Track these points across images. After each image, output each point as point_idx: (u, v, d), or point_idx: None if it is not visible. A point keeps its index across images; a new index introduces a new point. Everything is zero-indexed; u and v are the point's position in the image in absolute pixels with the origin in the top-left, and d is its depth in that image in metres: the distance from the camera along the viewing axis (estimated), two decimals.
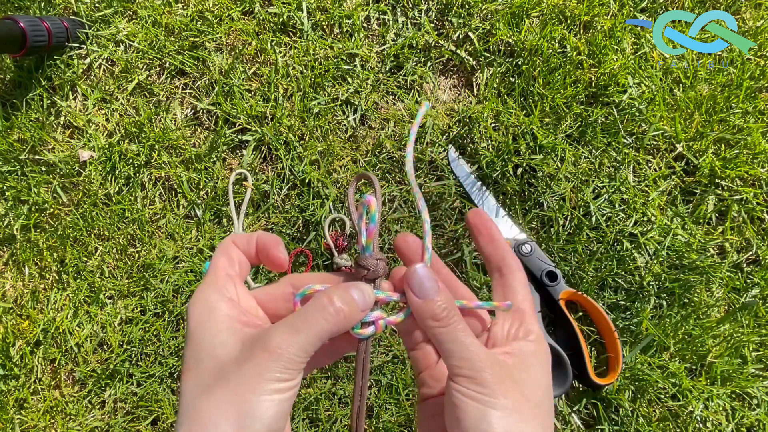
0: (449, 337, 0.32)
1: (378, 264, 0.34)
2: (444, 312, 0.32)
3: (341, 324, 0.31)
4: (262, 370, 0.28)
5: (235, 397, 0.28)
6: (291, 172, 0.82)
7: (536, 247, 0.76)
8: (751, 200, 0.78)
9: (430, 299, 0.32)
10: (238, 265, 0.35)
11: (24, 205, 0.86)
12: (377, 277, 0.34)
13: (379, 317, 0.34)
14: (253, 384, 0.28)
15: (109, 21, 0.87)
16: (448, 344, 0.31)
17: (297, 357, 0.29)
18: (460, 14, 0.84)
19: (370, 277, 0.34)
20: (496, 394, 0.30)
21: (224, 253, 0.35)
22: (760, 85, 0.81)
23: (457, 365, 0.31)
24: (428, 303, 0.32)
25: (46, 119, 0.87)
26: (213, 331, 0.31)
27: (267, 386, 0.28)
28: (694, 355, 0.75)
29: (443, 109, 0.84)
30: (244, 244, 0.36)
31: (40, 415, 0.81)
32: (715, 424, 0.73)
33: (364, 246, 0.34)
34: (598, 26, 0.83)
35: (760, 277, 0.76)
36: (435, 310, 0.32)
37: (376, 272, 0.34)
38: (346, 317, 0.31)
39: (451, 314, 0.32)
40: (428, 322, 0.32)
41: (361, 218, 0.35)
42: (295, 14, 0.85)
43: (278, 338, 0.29)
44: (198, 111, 0.86)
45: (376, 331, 0.34)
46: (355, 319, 0.32)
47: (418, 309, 0.33)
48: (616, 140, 0.79)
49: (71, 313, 0.83)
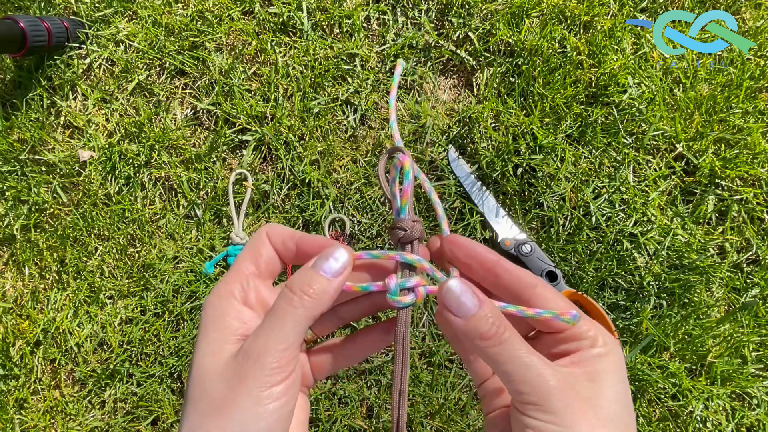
0: (504, 357, 0.27)
1: (414, 225, 0.31)
2: (492, 328, 0.27)
3: (313, 305, 0.28)
4: (246, 378, 0.27)
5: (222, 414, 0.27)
6: (291, 172, 0.82)
7: (536, 247, 0.76)
8: (751, 200, 0.78)
9: (472, 316, 0.28)
10: (264, 264, 0.32)
11: (24, 205, 0.86)
12: (413, 240, 0.31)
13: (419, 283, 0.31)
14: (239, 395, 0.27)
15: (109, 21, 0.87)
16: (505, 365, 0.27)
17: (281, 353, 0.27)
18: (460, 14, 0.84)
19: (405, 240, 0.31)
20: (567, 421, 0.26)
21: (251, 250, 0.32)
22: (760, 85, 0.81)
23: (519, 390, 0.27)
24: (471, 321, 0.28)
25: (46, 119, 0.87)
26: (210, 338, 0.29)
27: (255, 395, 0.27)
28: (694, 355, 0.75)
29: (443, 109, 0.84)
30: (280, 242, 0.32)
31: (40, 415, 0.81)
32: (715, 424, 0.73)
33: (399, 208, 0.32)
34: (598, 26, 0.83)
35: (760, 277, 0.76)
36: (481, 328, 0.27)
37: (413, 234, 0.31)
38: (315, 296, 0.28)
39: (501, 329, 0.28)
40: (476, 342, 0.28)
41: (393, 182, 0.32)
42: (295, 14, 0.85)
43: (256, 341, 0.28)
44: (198, 111, 0.86)
45: (417, 299, 0.31)
46: (327, 293, 0.29)
47: (461, 330, 0.28)
48: (616, 140, 0.79)
49: (71, 313, 0.83)
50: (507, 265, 0.31)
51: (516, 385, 0.27)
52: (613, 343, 0.29)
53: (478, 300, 0.28)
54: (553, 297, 0.30)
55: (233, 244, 0.81)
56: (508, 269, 0.30)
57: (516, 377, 0.27)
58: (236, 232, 0.81)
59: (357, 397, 0.77)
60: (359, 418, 0.77)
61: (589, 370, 0.28)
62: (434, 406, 0.76)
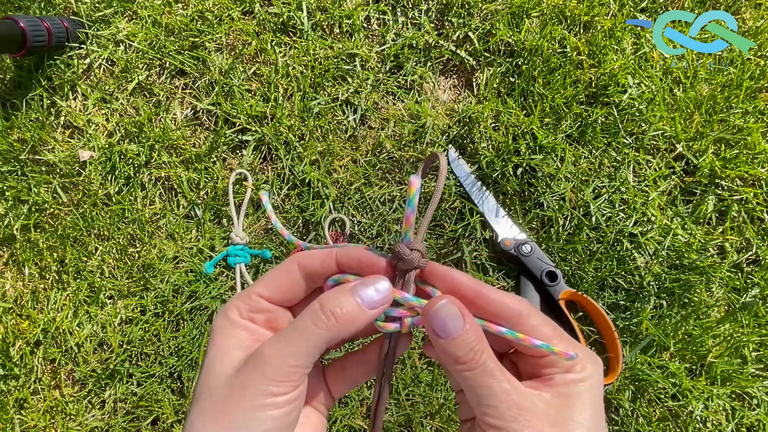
0: (476, 381, 0.28)
1: (412, 254, 0.30)
2: (470, 354, 0.28)
3: (338, 329, 0.28)
4: (251, 383, 0.27)
5: (224, 413, 0.27)
6: (291, 172, 0.82)
7: (536, 247, 0.76)
8: (751, 200, 0.78)
9: (452, 339, 0.28)
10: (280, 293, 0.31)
11: (24, 205, 0.86)
12: (410, 269, 0.31)
13: (405, 314, 0.31)
14: (241, 398, 0.27)
15: (109, 21, 0.87)
16: (475, 388, 0.28)
17: (291, 368, 0.27)
18: (460, 14, 0.84)
19: (402, 268, 0.31)
20: None
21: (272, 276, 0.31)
22: (760, 85, 0.81)
23: (485, 412, 0.27)
24: (450, 344, 0.28)
25: (46, 119, 0.87)
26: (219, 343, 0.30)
27: (258, 400, 0.26)
28: (694, 355, 0.75)
29: (443, 109, 0.84)
30: (317, 265, 0.31)
31: (40, 415, 0.81)
32: (715, 424, 0.73)
33: (404, 233, 0.31)
34: (598, 26, 0.83)
35: (760, 277, 0.76)
36: (458, 352, 0.28)
37: (409, 263, 0.30)
38: (342, 322, 0.28)
39: (478, 355, 0.28)
40: (453, 365, 0.28)
41: (407, 205, 0.31)
42: (295, 14, 0.85)
43: (270, 350, 0.28)
44: (198, 111, 0.86)
45: (402, 328, 0.31)
46: (356, 322, 0.29)
47: (441, 350, 0.29)
48: (616, 140, 0.79)
49: (71, 313, 0.83)
50: (491, 294, 0.30)
51: (483, 408, 0.28)
52: (592, 367, 0.29)
53: (462, 322, 0.28)
54: (540, 324, 0.30)
55: (233, 244, 0.81)
56: (491, 299, 0.30)
57: (483, 400, 0.27)
58: (236, 232, 0.81)
59: (357, 397, 0.77)
60: (359, 418, 0.77)
61: (561, 394, 0.28)
62: (434, 406, 0.76)
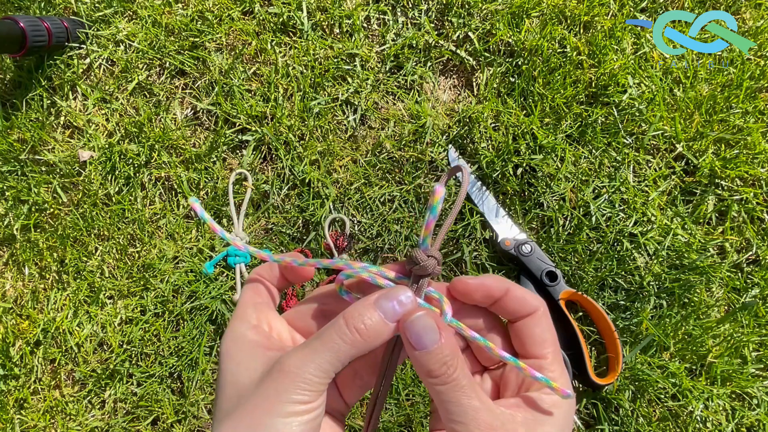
0: (447, 396, 0.28)
1: (428, 261, 0.30)
2: (443, 368, 0.28)
3: (362, 344, 0.29)
4: (278, 392, 0.27)
5: (251, 420, 0.27)
6: (291, 172, 0.82)
7: (536, 247, 0.76)
8: (751, 200, 0.78)
9: (426, 351, 0.28)
10: (266, 294, 0.35)
11: (24, 205, 0.86)
12: (426, 275, 0.31)
13: None
14: (268, 406, 0.27)
15: (109, 21, 0.87)
16: (445, 404, 0.28)
17: (315, 378, 0.28)
18: (460, 14, 0.84)
19: (418, 273, 0.31)
20: None
21: (250, 286, 0.35)
22: (760, 85, 0.81)
23: (453, 429, 0.28)
24: (424, 356, 0.28)
25: (46, 119, 0.87)
26: (237, 359, 0.30)
27: (283, 408, 0.27)
28: (694, 355, 0.75)
29: (443, 109, 0.84)
30: (268, 272, 0.36)
31: (40, 415, 0.81)
32: (715, 424, 0.73)
33: (422, 239, 0.31)
34: (598, 26, 0.83)
35: (760, 277, 0.76)
36: (431, 366, 0.28)
37: (425, 269, 0.31)
38: (366, 337, 0.28)
39: (451, 371, 0.28)
40: (425, 377, 0.29)
41: (428, 211, 0.32)
42: (295, 14, 0.85)
43: (295, 359, 0.28)
44: (198, 111, 0.86)
45: None
46: (380, 336, 0.29)
47: (415, 361, 0.29)
48: (616, 140, 0.79)
49: (71, 313, 0.83)
50: (516, 291, 0.32)
51: (451, 423, 0.28)
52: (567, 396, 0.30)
53: (438, 336, 0.29)
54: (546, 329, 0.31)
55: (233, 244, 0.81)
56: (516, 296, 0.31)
57: (453, 416, 0.28)
58: (236, 232, 0.81)
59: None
60: (359, 418, 0.77)
61: (531, 418, 0.29)
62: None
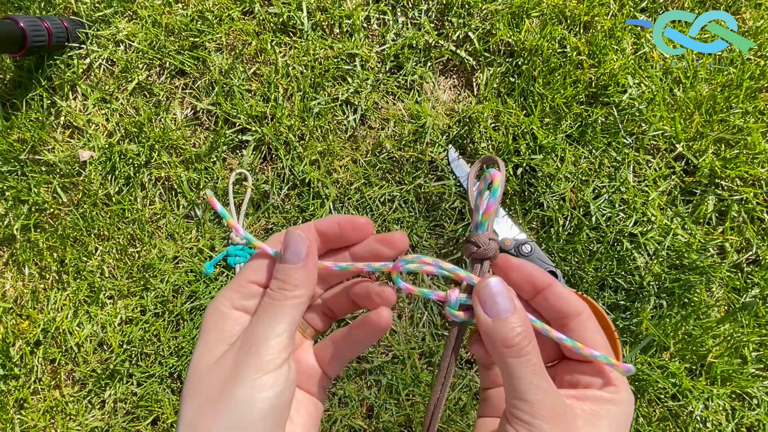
0: (517, 371, 0.27)
1: (490, 243, 0.31)
2: (518, 338, 0.27)
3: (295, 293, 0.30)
4: (238, 369, 0.28)
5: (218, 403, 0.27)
6: (291, 172, 0.82)
7: (536, 247, 0.76)
8: (751, 200, 0.78)
9: (502, 319, 0.28)
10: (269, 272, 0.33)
11: (24, 205, 0.86)
12: (486, 258, 0.31)
13: None
14: (232, 386, 0.27)
15: (109, 21, 0.87)
16: (515, 379, 0.27)
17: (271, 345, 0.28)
18: (460, 14, 0.84)
19: (477, 256, 0.31)
20: None
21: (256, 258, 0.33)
22: (760, 85, 0.81)
23: (517, 405, 0.27)
24: (499, 324, 0.27)
25: (46, 119, 0.87)
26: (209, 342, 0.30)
27: (247, 384, 0.27)
28: (694, 355, 0.75)
29: (443, 109, 0.84)
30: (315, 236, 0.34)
31: (40, 415, 0.81)
32: (715, 424, 0.73)
33: (479, 222, 0.31)
34: (598, 26, 0.83)
35: (760, 277, 0.76)
36: (506, 334, 0.27)
37: (486, 252, 0.31)
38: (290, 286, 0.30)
39: (525, 342, 0.27)
40: (498, 347, 0.28)
41: (480, 194, 0.32)
42: (295, 14, 0.85)
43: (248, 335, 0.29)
44: (198, 111, 0.86)
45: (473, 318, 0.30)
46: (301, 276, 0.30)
47: (487, 329, 0.28)
48: (616, 140, 0.79)
49: (71, 313, 0.83)
50: (559, 288, 0.30)
51: (516, 400, 0.27)
52: (626, 394, 0.29)
53: (513, 306, 0.28)
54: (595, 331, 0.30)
55: (233, 244, 0.81)
56: (559, 294, 0.30)
57: (519, 394, 0.27)
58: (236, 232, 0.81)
59: (357, 397, 0.77)
60: (359, 418, 0.77)
61: (592, 410, 0.28)
62: None
